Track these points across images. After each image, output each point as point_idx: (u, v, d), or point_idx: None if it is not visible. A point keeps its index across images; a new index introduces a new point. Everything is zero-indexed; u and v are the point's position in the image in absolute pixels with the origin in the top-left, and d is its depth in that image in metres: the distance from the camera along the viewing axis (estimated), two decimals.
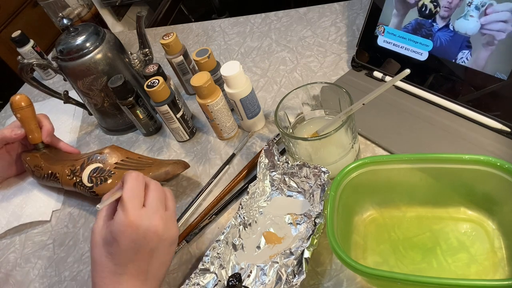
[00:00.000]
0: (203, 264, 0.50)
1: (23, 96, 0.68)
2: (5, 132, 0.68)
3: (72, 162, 0.66)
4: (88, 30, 0.70)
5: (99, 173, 0.63)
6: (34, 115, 0.69)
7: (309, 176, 0.53)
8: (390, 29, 0.64)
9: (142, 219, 0.44)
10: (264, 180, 0.57)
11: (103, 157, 0.64)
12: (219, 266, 0.50)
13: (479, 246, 0.45)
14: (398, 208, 0.50)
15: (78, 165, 0.65)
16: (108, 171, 0.63)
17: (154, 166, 0.62)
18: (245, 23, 0.93)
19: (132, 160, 0.64)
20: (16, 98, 0.67)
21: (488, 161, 0.42)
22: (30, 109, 0.68)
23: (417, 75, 0.61)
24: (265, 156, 0.57)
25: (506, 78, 0.52)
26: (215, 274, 0.49)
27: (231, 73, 0.60)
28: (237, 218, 0.53)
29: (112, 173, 0.62)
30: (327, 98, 0.56)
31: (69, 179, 0.65)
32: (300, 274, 0.45)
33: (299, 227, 0.52)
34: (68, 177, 0.65)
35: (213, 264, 0.50)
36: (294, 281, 0.45)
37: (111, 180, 0.62)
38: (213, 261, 0.50)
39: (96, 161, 0.64)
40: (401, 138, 0.58)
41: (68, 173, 0.65)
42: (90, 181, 0.63)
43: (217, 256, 0.50)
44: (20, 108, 0.67)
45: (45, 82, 1.03)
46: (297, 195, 0.55)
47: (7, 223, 0.70)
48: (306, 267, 0.45)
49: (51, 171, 0.67)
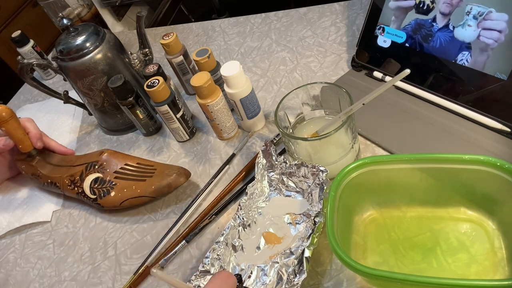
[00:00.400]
0: (203, 266, 0.50)
1: (4, 107, 0.65)
2: None
3: (70, 171, 0.66)
4: (88, 30, 0.70)
5: (100, 184, 0.63)
6: (18, 124, 0.67)
7: (307, 176, 0.53)
8: (390, 29, 0.64)
9: None
10: (262, 181, 0.57)
11: (101, 165, 0.64)
12: (219, 268, 0.50)
13: (479, 246, 0.45)
14: (398, 208, 0.50)
15: (77, 176, 0.65)
16: (109, 181, 0.62)
17: (156, 177, 0.61)
18: (245, 23, 0.93)
19: (132, 167, 0.63)
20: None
21: (488, 161, 0.42)
22: (13, 120, 0.66)
23: (417, 75, 0.61)
24: (262, 157, 0.57)
25: (506, 78, 0.52)
26: None
27: (231, 73, 0.60)
28: (236, 219, 0.53)
29: (113, 184, 0.62)
30: (327, 98, 0.56)
31: (71, 189, 0.65)
32: (301, 273, 0.45)
33: (298, 227, 0.52)
34: (69, 187, 0.65)
35: (213, 266, 0.50)
36: (295, 281, 0.45)
37: (114, 193, 0.62)
38: (213, 263, 0.50)
39: (94, 170, 0.64)
40: (401, 138, 0.58)
41: (68, 183, 0.65)
42: (92, 193, 0.63)
43: (217, 257, 0.50)
44: (4, 121, 0.65)
45: (45, 82, 1.03)
46: (295, 194, 0.55)
47: (8, 224, 0.70)
48: (307, 266, 0.45)
49: (50, 180, 0.67)
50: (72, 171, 0.66)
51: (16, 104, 1.01)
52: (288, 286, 0.46)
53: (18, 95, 1.04)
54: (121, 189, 0.62)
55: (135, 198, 0.61)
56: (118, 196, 0.61)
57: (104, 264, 0.60)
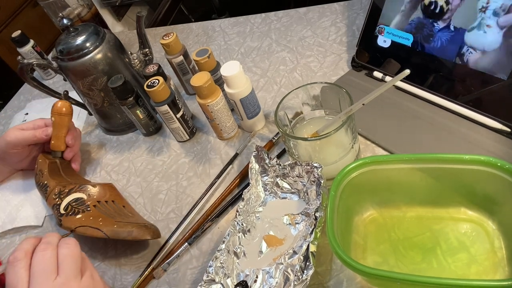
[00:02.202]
0: (208, 275, 0.49)
1: (68, 104, 0.68)
2: (37, 134, 0.68)
3: (64, 182, 0.65)
4: (88, 30, 0.70)
5: (77, 203, 0.61)
6: (67, 125, 0.68)
7: (302, 175, 0.53)
8: (390, 29, 0.64)
9: None
10: (257, 186, 0.57)
11: (91, 189, 0.63)
12: (224, 276, 0.50)
13: (479, 246, 0.45)
14: (398, 208, 0.50)
15: (67, 189, 0.64)
16: (86, 205, 0.60)
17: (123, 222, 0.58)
18: (245, 23, 0.93)
19: (115, 206, 0.62)
20: (58, 103, 0.67)
21: (489, 162, 0.42)
22: (67, 118, 0.68)
23: (417, 75, 0.61)
24: (255, 162, 0.57)
25: (506, 78, 0.52)
26: (221, 284, 0.49)
27: (231, 73, 0.60)
28: (235, 226, 0.53)
29: (87, 209, 0.60)
30: (327, 98, 0.56)
31: (53, 198, 0.63)
32: (308, 269, 0.45)
33: (298, 226, 0.52)
34: (53, 196, 0.63)
35: (217, 274, 0.50)
36: (303, 277, 0.45)
37: (80, 216, 0.59)
38: (217, 271, 0.50)
39: (83, 191, 0.63)
40: (401, 138, 0.58)
41: (56, 191, 0.64)
42: (65, 209, 0.61)
43: (220, 266, 0.50)
44: (59, 113, 0.67)
45: (45, 82, 1.03)
46: (291, 196, 0.55)
47: (2, 225, 0.70)
48: (314, 261, 0.45)
49: (46, 182, 0.66)
50: (66, 182, 0.65)
51: (16, 104, 1.01)
52: (297, 283, 0.45)
53: (18, 95, 1.04)
54: (88, 216, 0.59)
55: (92, 228, 0.57)
56: (81, 220, 0.59)
57: (104, 264, 0.60)
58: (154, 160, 0.72)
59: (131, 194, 0.68)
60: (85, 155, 0.78)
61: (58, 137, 0.69)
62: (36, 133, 0.68)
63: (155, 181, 0.69)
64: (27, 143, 0.68)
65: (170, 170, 0.69)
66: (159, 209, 0.64)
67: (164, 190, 0.67)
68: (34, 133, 0.68)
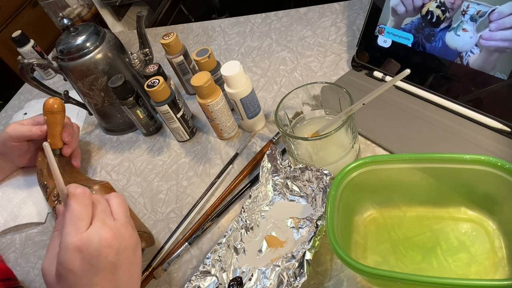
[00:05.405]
0: (204, 266, 0.49)
1: (59, 101, 0.67)
2: (32, 130, 0.68)
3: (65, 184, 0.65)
4: (88, 30, 0.70)
5: None
6: (60, 122, 0.68)
7: (311, 180, 0.53)
8: (390, 29, 0.64)
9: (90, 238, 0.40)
10: (266, 185, 0.57)
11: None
12: (220, 269, 0.50)
13: (479, 246, 0.45)
14: (398, 208, 0.50)
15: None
16: None
17: None
18: (245, 23, 0.93)
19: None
20: (50, 101, 0.66)
21: (489, 161, 0.42)
22: (60, 115, 0.67)
23: (418, 75, 0.61)
24: (267, 161, 0.57)
25: (506, 78, 0.52)
26: (216, 277, 0.49)
27: (231, 73, 0.60)
28: (239, 222, 0.53)
29: None
30: (327, 98, 0.56)
31: (52, 201, 0.63)
32: (301, 276, 0.45)
33: (301, 231, 0.52)
34: (53, 198, 0.63)
35: (214, 267, 0.50)
36: (295, 283, 0.45)
37: None
38: (214, 264, 0.50)
39: None
40: (401, 138, 0.58)
41: (55, 193, 0.63)
42: None
43: (218, 259, 0.50)
44: (50, 112, 0.66)
45: (45, 82, 1.03)
46: (299, 199, 0.55)
47: (5, 223, 0.70)
48: (308, 269, 0.45)
49: (46, 182, 0.66)
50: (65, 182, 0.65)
51: (16, 104, 1.01)
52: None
53: (18, 95, 1.04)
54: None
55: None
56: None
57: None
58: (154, 160, 0.72)
59: (131, 194, 0.68)
60: (85, 155, 0.78)
61: (54, 135, 0.68)
62: (32, 129, 0.68)
63: (155, 181, 0.69)
64: (24, 138, 0.68)
65: (170, 170, 0.69)
66: (159, 209, 0.64)
67: (164, 190, 0.67)
68: (30, 129, 0.68)
